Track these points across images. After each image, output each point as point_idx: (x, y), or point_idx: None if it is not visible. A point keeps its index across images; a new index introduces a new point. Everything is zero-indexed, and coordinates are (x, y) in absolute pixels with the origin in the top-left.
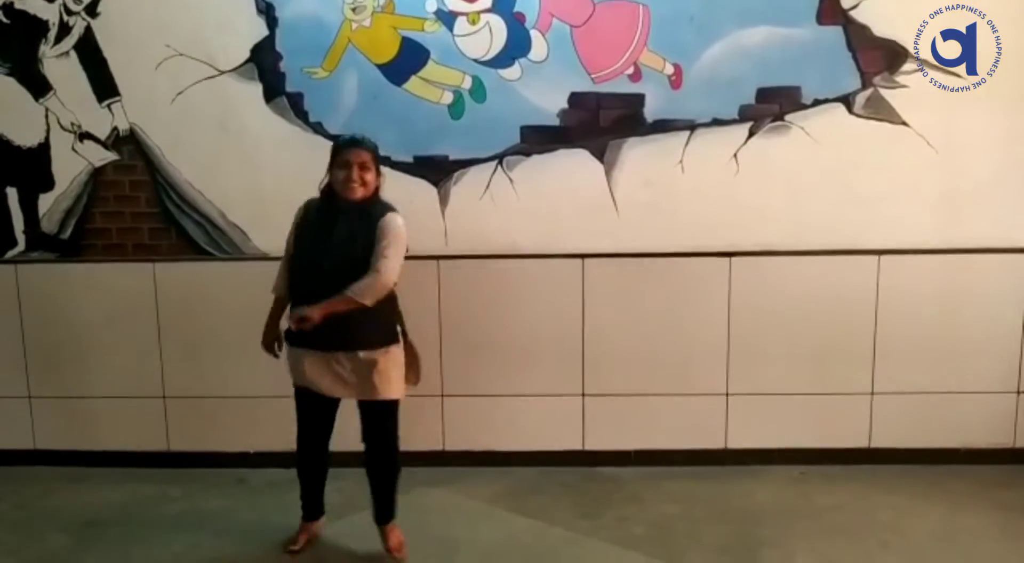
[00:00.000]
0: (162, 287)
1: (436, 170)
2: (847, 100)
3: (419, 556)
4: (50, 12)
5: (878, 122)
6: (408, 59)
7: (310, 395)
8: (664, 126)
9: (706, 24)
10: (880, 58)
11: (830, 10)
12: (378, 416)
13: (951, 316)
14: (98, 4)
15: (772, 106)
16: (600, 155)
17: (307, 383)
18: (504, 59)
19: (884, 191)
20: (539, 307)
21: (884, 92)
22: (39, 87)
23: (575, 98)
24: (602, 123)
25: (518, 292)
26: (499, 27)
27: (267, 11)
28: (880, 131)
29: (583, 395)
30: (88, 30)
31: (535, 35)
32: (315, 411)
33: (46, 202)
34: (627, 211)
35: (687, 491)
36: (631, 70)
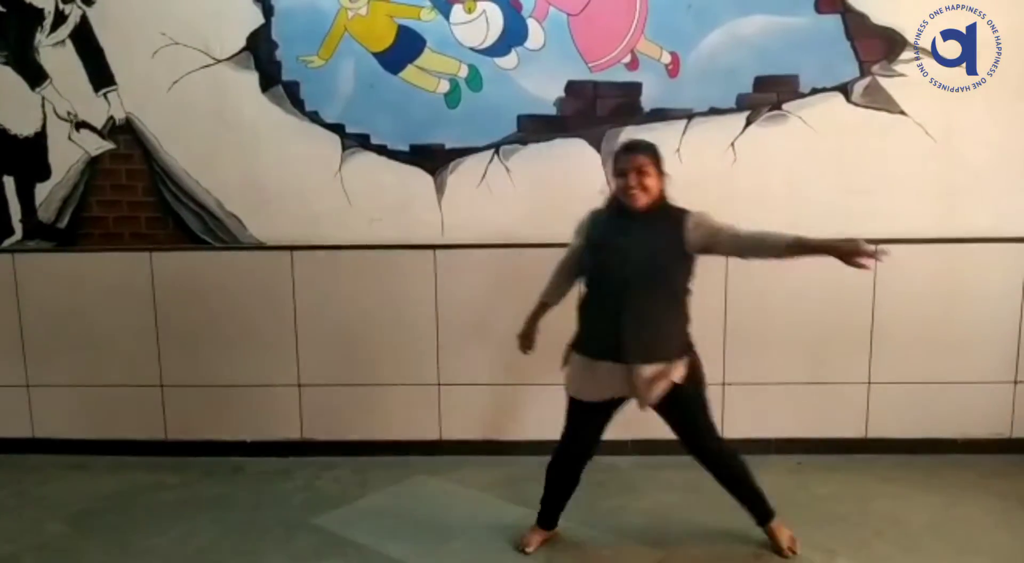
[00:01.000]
0: (159, 276)
1: (432, 159)
2: (845, 89)
3: (413, 544)
4: (46, 1)
5: (876, 111)
6: (404, 47)
7: (590, 407)
8: (661, 115)
9: (704, 12)
10: (878, 47)
11: None
12: (681, 413)
13: (948, 306)
14: None
15: (770, 95)
16: (597, 144)
17: (596, 397)
18: (501, 48)
19: (882, 180)
20: (536, 296)
21: (882, 81)
22: (35, 76)
23: (572, 87)
24: (599, 112)
25: (515, 281)
26: (496, 15)
27: None
28: (878, 120)
29: None
30: (84, 19)
31: (532, 23)
32: (592, 424)
33: (43, 191)
34: None
35: (684, 481)
36: (628, 58)
